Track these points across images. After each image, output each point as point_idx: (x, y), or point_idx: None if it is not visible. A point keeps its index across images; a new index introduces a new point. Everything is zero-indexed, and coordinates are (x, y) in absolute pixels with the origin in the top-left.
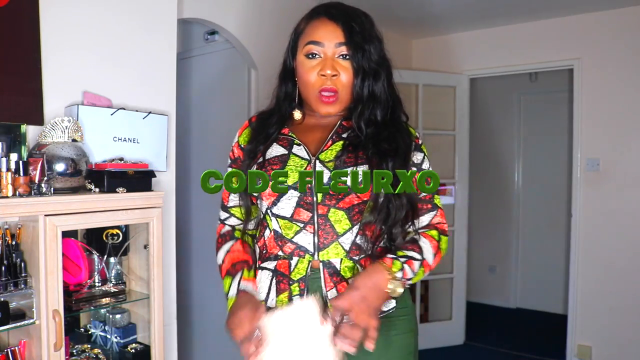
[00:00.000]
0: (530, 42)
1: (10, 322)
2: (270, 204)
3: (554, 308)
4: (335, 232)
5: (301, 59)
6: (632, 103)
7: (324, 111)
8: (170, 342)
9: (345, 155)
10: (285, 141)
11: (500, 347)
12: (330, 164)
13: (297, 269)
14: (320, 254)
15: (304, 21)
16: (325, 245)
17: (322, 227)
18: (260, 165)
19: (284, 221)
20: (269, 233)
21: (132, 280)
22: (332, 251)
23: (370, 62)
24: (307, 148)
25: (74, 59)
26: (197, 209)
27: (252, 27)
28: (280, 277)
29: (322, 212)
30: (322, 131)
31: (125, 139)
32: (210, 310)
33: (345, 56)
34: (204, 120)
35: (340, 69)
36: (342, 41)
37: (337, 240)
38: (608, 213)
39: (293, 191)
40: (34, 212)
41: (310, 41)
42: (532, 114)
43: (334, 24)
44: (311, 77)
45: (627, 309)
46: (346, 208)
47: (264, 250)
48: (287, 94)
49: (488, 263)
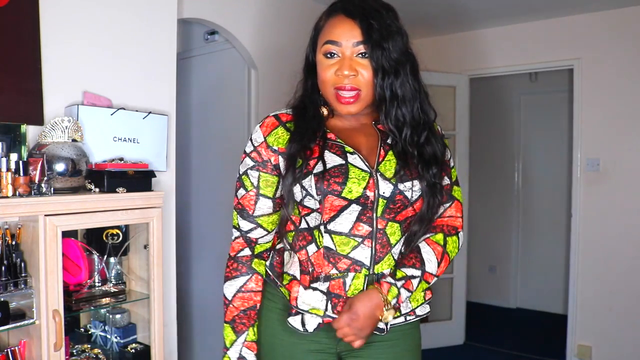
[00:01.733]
0: (530, 42)
1: (10, 322)
2: (328, 219)
3: (554, 308)
4: (390, 244)
5: (320, 58)
6: (632, 103)
7: (345, 111)
8: (170, 342)
9: (402, 167)
10: (337, 148)
11: (500, 347)
12: (392, 177)
13: (354, 285)
14: (376, 267)
15: (324, 17)
16: (380, 258)
17: (380, 240)
18: (320, 176)
19: (340, 237)
20: (316, 249)
21: (132, 280)
22: (386, 263)
23: (390, 60)
24: (362, 157)
25: (74, 59)
26: (197, 209)
27: (252, 27)
28: (335, 300)
29: (381, 226)
30: (363, 135)
31: (125, 139)
32: (210, 310)
33: (364, 54)
34: (204, 120)
35: (360, 68)
36: (360, 40)
37: (390, 252)
38: (608, 213)
39: (355, 205)
40: (34, 212)
41: (328, 41)
42: (532, 114)
43: (351, 21)
44: (328, 76)
45: (627, 309)
46: (401, 220)
47: (309, 267)
48: (315, 87)
49: (488, 263)
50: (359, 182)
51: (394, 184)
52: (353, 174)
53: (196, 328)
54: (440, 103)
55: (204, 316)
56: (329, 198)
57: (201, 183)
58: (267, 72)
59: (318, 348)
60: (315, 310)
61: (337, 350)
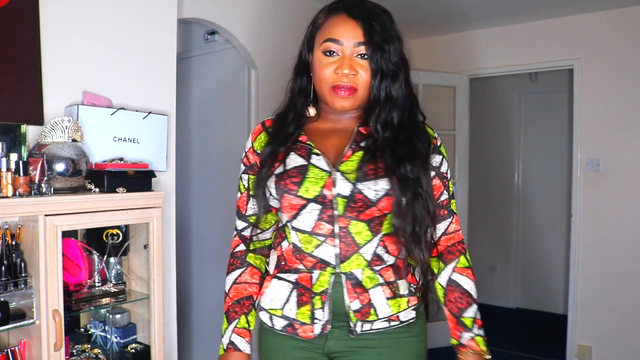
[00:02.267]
0: (530, 42)
1: (10, 322)
2: (291, 217)
3: (554, 308)
4: (356, 244)
5: (318, 55)
6: (632, 103)
7: (339, 105)
8: (170, 342)
9: (365, 166)
10: (304, 150)
11: (500, 347)
12: (351, 175)
13: (319, 282)
14: (342, 266)
15: (323, 15)
16: (346, 257)
17: (344, 239)
18: (279, 177)
19: (304, 235)
20: (287, 245)
21: (132, 280)
22: (354, 262)
23: (389, 62)
24: (326, 158)
25: (74, 59)
26: (197, 209)
27: (252, 27)
28: (302, 290)
29: (343, 224)
30: (339, 138)
31: (125, 139)
32: (210, 310)
33: (364, 55)
34: (204, 120)
35: (359, 68)
36: (362, 40)
37: (358, 252)
38: (608, 213)
39: (314, 204)
40: (34, 212)
41: (329, 38)
42: (532, 114)
43: (354, 22)
44: (326, 74)
45: (627, 309)
46: (367, 220)
47: (282, 261)
48: (302, 89)
49: (488, 263)
50: (317, 181)
51: (353, 183)
52: (312, 174)
53: (196, 328)
54: (440, 103)
55: (204, 316)
56: (287, 197)
57: (201, 183)
58: (267, 72)
59: (307, 345)
60: (273, 310)
61: (325, 350)
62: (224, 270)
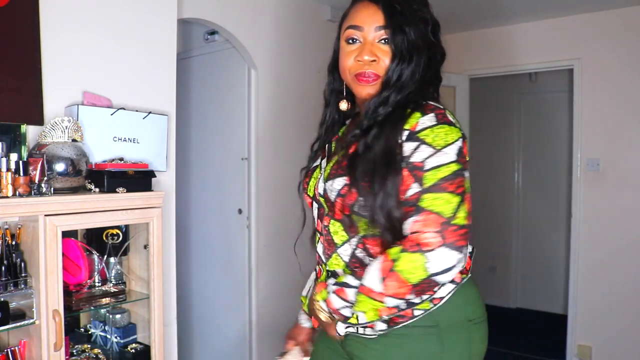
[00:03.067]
0: (530, 42)
1: (10, 322)
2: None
3: (554, 308)
4: (335, 244)
5: (342, 45)
6: (632, 103)
7: (365, 93)
8: (170, 342)
9: (336, 163)
10: (325, 152)
11: (500, 347)
12: (325, 173)
13: (322, 277)
14: (328, 263)
15: (350, 5)
16: (329, 255)
17: (327, 237)
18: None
19: (315, 231)
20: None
21: (132, 280)
22: (334, 262)
23: (409, 44)
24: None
25: (74, 59)
26: (197, 209)
27: (252, 27)
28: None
29: (326, 223)
30: None
31: (125, 139)
32: (210, 310)
33: (386, 40)
34: (204, 120)
35: (381, 54)
36: (382, 24)
37: (336, 252)
38: (608, 213)
39: (314, 202)
40: (34, 212)
41: (350, 25)
42: (532, 114)
43: (374, 6)
44: (348, 62)
45: (627, 309)
46: (340, 220)
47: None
48: (334, 88)
49: (488, 263)
50: (315, 180)
51: (325, 182)
52: (315, 174)
53: (196, 328)
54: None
55: (204, 316)
56: (305, 197)
57: (201, 183)
58: (267, 72)
59: (332, 345)
60: (303, 298)
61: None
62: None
